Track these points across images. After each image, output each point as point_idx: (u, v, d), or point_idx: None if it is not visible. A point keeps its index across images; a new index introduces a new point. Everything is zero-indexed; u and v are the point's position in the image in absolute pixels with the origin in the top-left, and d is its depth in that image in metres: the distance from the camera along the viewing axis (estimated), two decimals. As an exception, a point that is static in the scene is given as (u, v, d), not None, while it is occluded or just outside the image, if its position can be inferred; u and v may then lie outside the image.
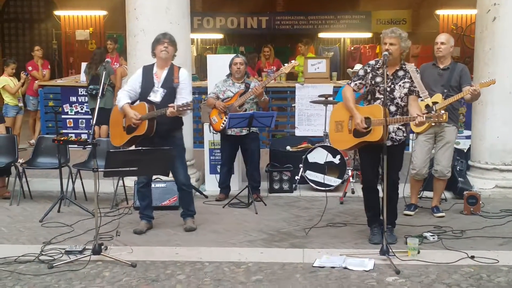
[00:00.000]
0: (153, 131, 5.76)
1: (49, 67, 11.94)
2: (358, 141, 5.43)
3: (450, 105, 6.14)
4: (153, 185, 6.43)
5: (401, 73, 5.45)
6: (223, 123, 7.00)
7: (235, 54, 7.48)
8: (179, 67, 5.99)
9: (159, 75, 5.89)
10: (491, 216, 6.45)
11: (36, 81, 11.22)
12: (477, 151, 7.57)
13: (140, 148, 5.35)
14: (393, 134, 5.45)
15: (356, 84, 5.55)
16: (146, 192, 6.09)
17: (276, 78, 11.14)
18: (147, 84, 5.89)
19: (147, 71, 5.96)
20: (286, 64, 7.53)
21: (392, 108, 5.41)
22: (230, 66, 7.22)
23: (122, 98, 5.88)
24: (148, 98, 5.83)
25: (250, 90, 7.06)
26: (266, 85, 7.31)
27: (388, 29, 5.42)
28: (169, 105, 5.64)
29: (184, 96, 5.80)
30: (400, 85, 5.41)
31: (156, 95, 5.82)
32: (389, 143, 5.39)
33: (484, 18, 7.33)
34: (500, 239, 5.69)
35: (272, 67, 11.76)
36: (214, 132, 7.31)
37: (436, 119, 5.14)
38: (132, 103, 5.89)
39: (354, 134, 5.45)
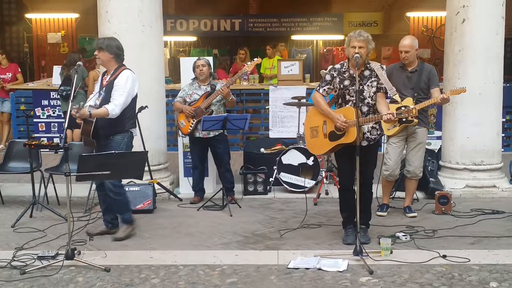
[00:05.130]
0: (86, 132, 5.67)
1: (19, 70, 11.72)
2: (334, 144, 5.47)
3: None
4: (126, 189, 6.34)
5: (367, 72, 5.51)
6: (191, 126, 7.04)
7: (197, 58, 7.45)
8: (124, 70, 5.72)
9: (106, 79, 5.83)
10: (462, 216, 6.54)
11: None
12: (448, 152, 7.67)
13: (113, 151, 5.31)
14: (368, 134, 5.50)
15: (324, 89, 5.58)
16: (101, 196, 5.93)
17: (250, 81, 11.21)
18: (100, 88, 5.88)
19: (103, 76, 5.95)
20: (249, 63, 7.52)
21: (364, 109, 5.47)
22: (193, 69, 7.25)
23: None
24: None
25: (215, 91, 7.09)
26: (231, 84, 7.32)
27: (354, 32, 5.45)
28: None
29: (113, 97, 5.64)
30: (368, 85, 5.47)
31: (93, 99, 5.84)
32: (365, 143, 5.46)
33: (454, 20, 7.43)
34: (471, 238, 5.77)
35: (247, 69, 11.72)
36: (183, 135, 7.33)
37: (407, 114, 5.22)
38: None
39: (329, 138, 5.49)
